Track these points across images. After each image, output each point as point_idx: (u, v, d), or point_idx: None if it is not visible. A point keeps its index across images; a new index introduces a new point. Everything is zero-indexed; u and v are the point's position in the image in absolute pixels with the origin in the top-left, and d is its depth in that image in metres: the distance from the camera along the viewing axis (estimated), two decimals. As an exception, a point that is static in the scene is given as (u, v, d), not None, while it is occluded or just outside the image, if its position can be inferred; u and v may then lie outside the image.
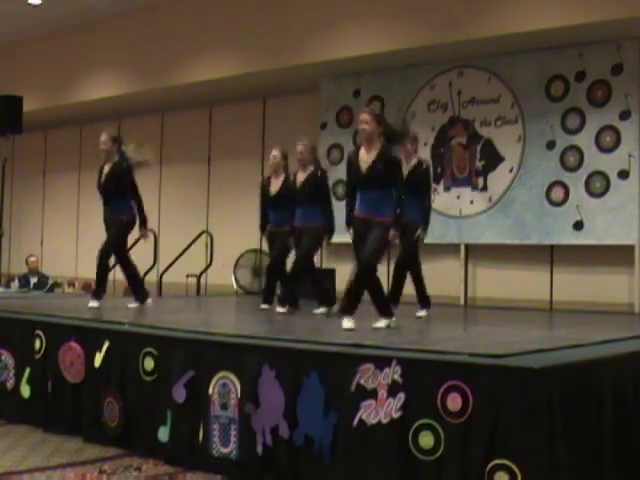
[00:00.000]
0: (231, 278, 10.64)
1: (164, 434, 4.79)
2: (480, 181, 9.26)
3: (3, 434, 5.40)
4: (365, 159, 5.54)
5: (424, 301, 6.91)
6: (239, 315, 7.92)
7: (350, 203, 5.70)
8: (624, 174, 8.30)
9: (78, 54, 12.15)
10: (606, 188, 8.38)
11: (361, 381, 3.96)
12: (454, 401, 3.65)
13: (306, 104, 10.63)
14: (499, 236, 9.05)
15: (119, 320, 5.73)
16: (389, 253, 7.37)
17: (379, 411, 3.87)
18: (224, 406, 4.51)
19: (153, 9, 11.27)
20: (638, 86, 8.26)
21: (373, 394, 3.91)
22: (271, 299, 7.46)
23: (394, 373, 3.87)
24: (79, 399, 5.35)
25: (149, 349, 4.95)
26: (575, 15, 7.92)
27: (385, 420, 3.85)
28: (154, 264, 10.66)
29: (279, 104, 11.27)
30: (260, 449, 4.30)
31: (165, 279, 10.68)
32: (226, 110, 11.82)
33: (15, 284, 12.23)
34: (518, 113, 8.99)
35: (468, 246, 9.40)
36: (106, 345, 5.20)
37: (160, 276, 10.65)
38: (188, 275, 10.77)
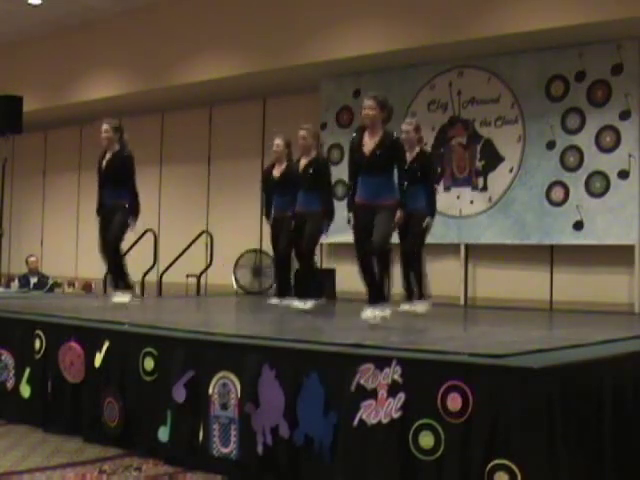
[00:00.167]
0: (231, 278, 10.65)
1: (164, 434, 4.79)
2: (480, 181, 9.26)
3: (3, 434, 5.40)
4: (368, 144, 5.55)
5: (421, 296, 6.77)
6: (239, 315, 7.92)
7: (353, 187, 5.69)
8: (624, 174, 8.30)
9: (78, 54, 12.16)
10: (606, 188, 8.38)
11: (361, 381, 3.96)
12: (454, 401, 3.65)
13: (306, 104, 10.64)
14: (499, 236, 9.06)
15: (119, 320, 5.73)
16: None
17: (379, 411, 3.87)
18: (224, 406, 4.51)
19: (153, 9, 11.28)
20: (638, 86, 8.26)
21: (373, 394, 3.91)
22: (285, 292, 7.41)
23: (394, 373, 3.87)
24: (79, 399, 5.35)
25: (149, 349, 4.94)
26: (575, 15, 7.93)
27: (385, 420, 3.84)
28: (154, 264, 10.66)
29: (279, 104, 11.27)
30: (260, 449, 4.30)
31: (165, 279, 10.68)
32: (226, 110, 11.83)
33: (15, 284, 12.23)
34: (518, 113, 8.99)
35: (468, 246, 9.40)
36: (106, 345, 5.20)
37: (160, 276, 10.65)
38: (188, 275, 10.78)
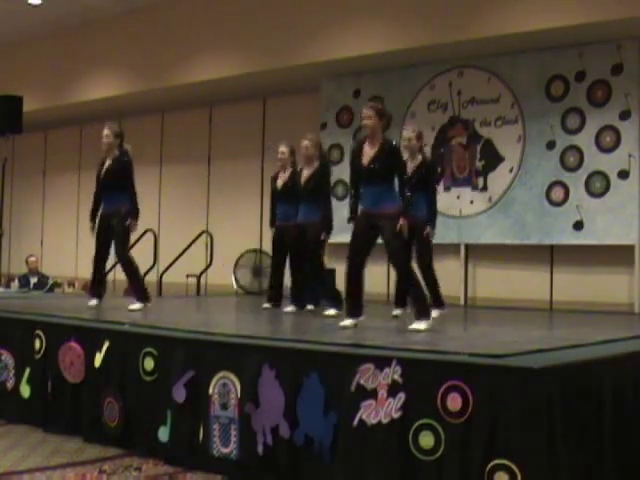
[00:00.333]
0: (231, 278, 10.65)
1: (164, 434, 4.79)
2: (480, 181, 9.26)
3: (3, 434, 5.40)
4: (367, 153, 5.60)
5: (404, 302, 6.55)
6: (239, 315, 7.92)
7: (355, 195, 5.73)
8: (624, 174, 8.30)
9: (78, 54, 12.16)
10: (606, 188, 8.38)
11: (361, 381, 3.96)
12: (454, 401, 3.65)
13: (306, 104, 10.64)
14: (499, 236, 9.05)
15: (119, 320, 5.73)
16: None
17: (379, 411, 3.87)
18: (224, 406, 4.51)
19: (153, 9, 11.27)
20: (638, 86, 8.26)
21: (373, 394, 3.91)
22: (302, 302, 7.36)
23: (394, 373, 3.87)
24: (79, 399, 5.35)
25: (149, 349, 4.94)
26: (575, 15, 7.93)
27: (385, 420, 3.85)
28: (154, 264, 10.66)
29: (279, 104, 11.27)
30: (260, 449, 4.30)
31: (165, 279, 10.68)
32: (226, 110, 11.83)
33: (15, 284, 12.23)
34: (518, 113, 8.99)
35: (468, 246, 9.40)
36: (106, 345, 5.20)
37: (160, 276, 10.65)
38: (188, 275, 10.78)
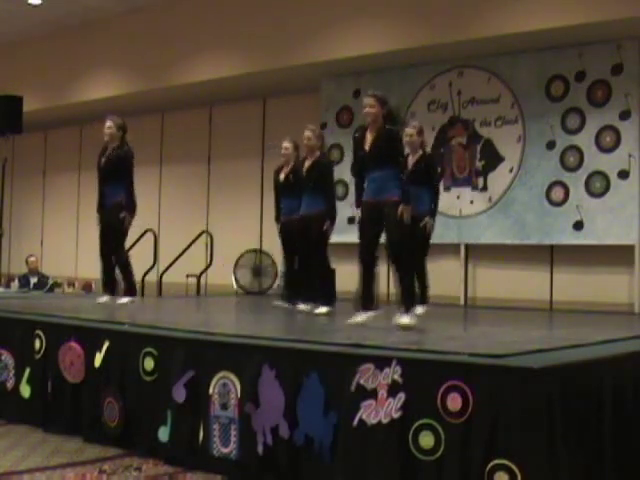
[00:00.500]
0: (231, 278, 10.65)
1: (164, 434, 4.79)
2: (480, 181, 9.26)
3: (3, 434, 5.40)
4: (369, 140, 5.69)
5: (424, 300, 6.72)
6: (239, 315, 7.92)
7: (358, 182, 5.83)
8: (624, 174, 8.30)
9: (78, 54, 12.15)
10: (606, 188, 8.38)
11: (361, 381, 3.96)
12: (454, 401, 3.65)
13: (306, 104, 10.64)
14: (499, 236, 9.06)
15: (119, 320, 5.73)
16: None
17: (379, 411, 3.87)
18: (224, 406, 4.51)
19: (153, 9, 11.27)
20: (638, 86, 8.26)
21: (373, 394, 3.91)
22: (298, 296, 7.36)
23: (394, 373, 3.87)
24: (79, 399, 5.35)
25: (149, 349, 4.94)
26: (575, 15, 7.93)
27: (385, 420, 3.84)
28: (154, 264, 10.66)
29: (279, 104, 11.27)
30: (260, 449, 4.30)
31: (165, 279, 10.68)
32: (226, 110, 11.83)
33: (15, 284, 12.24)
34: (518, 113, 8.99)
35: (468, 246, 9.40)
36: (106, 345, 5.20)
37: (160, 276, 10.65)
38: (188, 275, 10.78)
